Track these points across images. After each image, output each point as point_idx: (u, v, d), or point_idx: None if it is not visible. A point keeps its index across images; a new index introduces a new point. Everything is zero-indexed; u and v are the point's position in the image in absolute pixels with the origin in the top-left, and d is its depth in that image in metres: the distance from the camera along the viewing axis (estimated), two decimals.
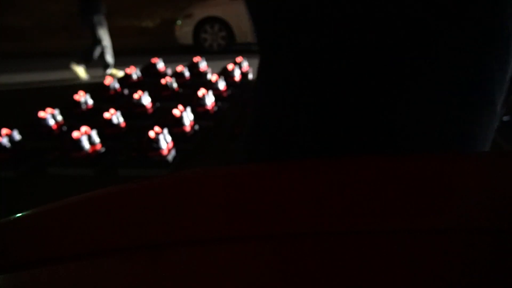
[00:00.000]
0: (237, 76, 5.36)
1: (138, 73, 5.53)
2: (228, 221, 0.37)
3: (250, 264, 0.33)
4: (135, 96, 4.26)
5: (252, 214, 0.37)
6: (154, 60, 5.77)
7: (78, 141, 3.31)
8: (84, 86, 5.05)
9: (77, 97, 4.43)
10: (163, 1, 8.80)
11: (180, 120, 3.63)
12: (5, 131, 3.51)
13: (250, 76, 5.71)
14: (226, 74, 5.27)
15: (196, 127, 3.77)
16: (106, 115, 3.78)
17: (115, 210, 0.42)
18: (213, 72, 5.48)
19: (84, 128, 3.44)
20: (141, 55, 6.09)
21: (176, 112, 3.66)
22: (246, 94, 4.92)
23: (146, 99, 4.29)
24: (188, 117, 3.72)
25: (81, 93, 4.47)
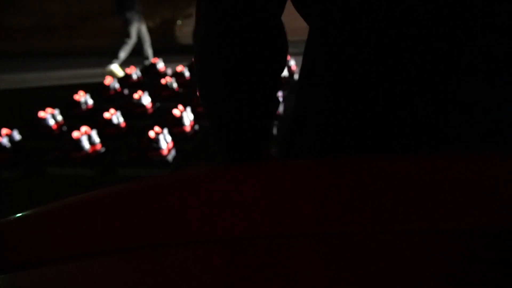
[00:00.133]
0: None
1: (138, 73, 5.52)
2: (229, 221, 0.37)
3: (250, 264, 0.33)
4: (135, 96, 4.26)
5: (252, 214, 0.37)
6: (154, 60, 5.76)
7: (78, 141, 3.31)
8: (84, 86, 5.04)
9: (77, 97, 4.42)
10: (163, 1, 8.80)
11: (180, 120, 3.63)
12: (5, 131, 3.51)
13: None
14: None
15: (196, 127, 3.77)
16: (106, 115, 3.78)
17: (115, 210, 0.42)
18: None
19: (84, 128, 3.44)
20: (141, 55, 6.08)
21: (176, 112, 3.66)
22: None
23: (146, 99, 4.29)
24: (188, 117, 3.72)
25: (81, 93, 4.47)
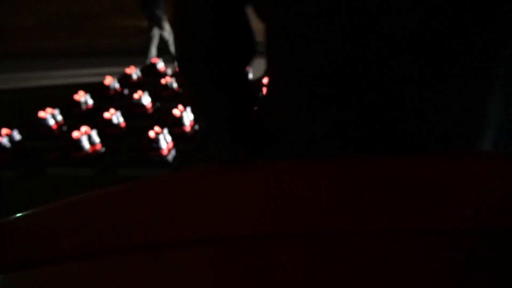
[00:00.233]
0: None
1: (138, 73, 5.52)
2: (229, 221, 0.37)
3: (249, 264, 0.33)
4: (135, 96, 4.26)
5: (252, 214, 0.37)
6: (154, 60, 5.76)
7: (78, 141, 3.31)
8: (84, 86, 5.04)
9: (77, 97, 4.42)
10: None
11: (180, 120, 3.63)
12: (5, 131, 3.51)
13: (250, 76, 5.71)
14: None
15: (196, 127, 3.77)
16: (106, 115, 3.78)
17: (115, 210, 0.42)
18: None
19: (84, 128, 3.44)
20: (141, 55, 6.07)
21: (176, 112, 3.66)
22: None
23: (146, 99, 4.29)
24: (188, 117, 3.72)
25: (81, 93, 4.47)
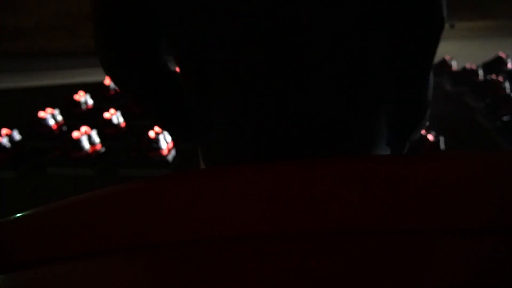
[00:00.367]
0: None
1: None
2: (228, 221, 0.37)
3: (249, 264, 0.33)
4: None
5: (252, 214, 0.37)
6: None
7: (78, 141, 3.31)
8: (84, 86, 5.04)
9: (77, 97, 4.42)
10: None
11: None
12: (5, 131, 3.50)
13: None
14: None
15: None
16: (106, 115, 3.77)
17: (115, 210, 0.42)
18: None
19: (84, 128, 3.43)
20: None
21: None
22: None
23: None
24: None
25: (81, 93, 4.47)
